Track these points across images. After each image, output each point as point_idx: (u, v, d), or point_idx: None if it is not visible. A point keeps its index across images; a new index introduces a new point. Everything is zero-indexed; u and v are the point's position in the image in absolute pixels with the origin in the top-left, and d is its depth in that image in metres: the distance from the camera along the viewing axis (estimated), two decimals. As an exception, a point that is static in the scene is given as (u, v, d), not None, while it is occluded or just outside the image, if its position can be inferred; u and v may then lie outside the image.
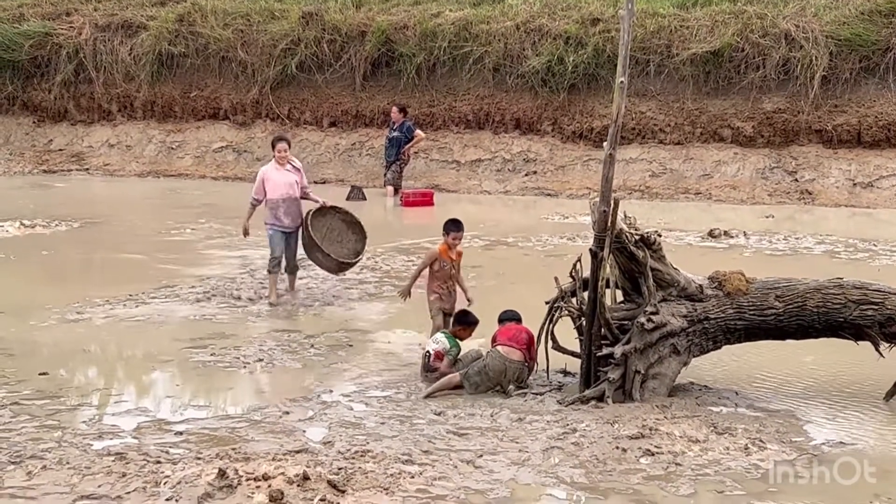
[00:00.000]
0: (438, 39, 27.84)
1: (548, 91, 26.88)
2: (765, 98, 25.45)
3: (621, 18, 10.23)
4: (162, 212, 24.19)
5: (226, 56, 30.15)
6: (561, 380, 11.00)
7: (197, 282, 15.84)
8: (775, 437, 9.38)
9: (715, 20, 26.03)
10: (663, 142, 26.15)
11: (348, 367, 11.96)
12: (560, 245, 19.08)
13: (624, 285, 10.61)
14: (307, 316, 14.06)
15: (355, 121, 28.93)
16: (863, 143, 24.74)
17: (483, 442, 9.12)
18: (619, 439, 9.06)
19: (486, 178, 27.03)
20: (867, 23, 25.03)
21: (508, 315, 11.50)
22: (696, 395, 10.54)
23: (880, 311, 10.44)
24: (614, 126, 10.09)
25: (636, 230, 10.31)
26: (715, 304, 10.61)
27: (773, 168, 25.14)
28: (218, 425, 9.66)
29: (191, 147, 30.20)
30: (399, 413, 10.05)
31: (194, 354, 12.16)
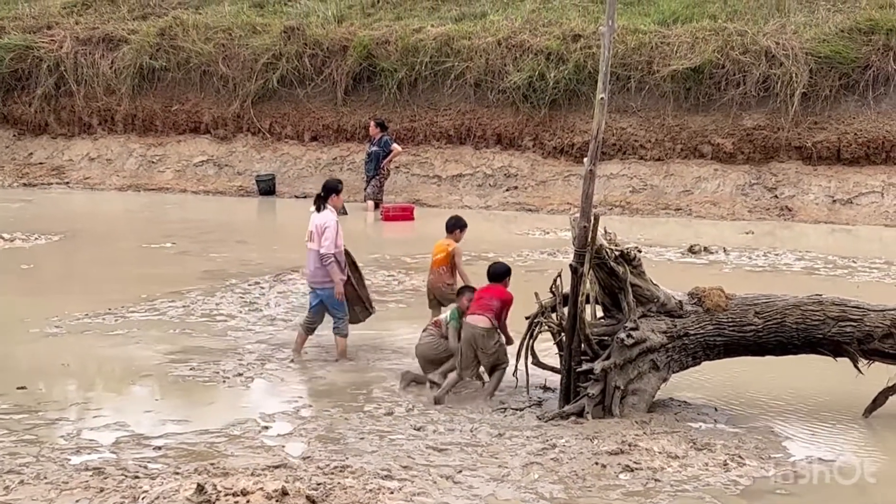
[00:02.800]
0: (420, 54, 27.85)
1: (529, 106, 26.90)
2: (745, 115, 25.52)
3: (602, 35, 10.28)
4: (142, 226, 24.14)
5: (207, 70, 30.09)
6: (541, 395, 11.01)
7: (177, 296, 15.79)
8: (754, 454, 9.40)
9: (696, 37, 26.10)
10: (644, 158, 26.20)
11: (328, 383, 11.95)
12: (541, 260, 19.09)
13: (604, 301, 10.63)
14: (287, 331, 14.01)
15: (336, 135, 28.90)
16: (842, 160, 24.83)
17: (463, 457, 9.12)
18: (599, 455, 9.07)
19: (467, 193, 27.04)
20: (847, 40, 25.13)
21: (496, 269, 11.71)
22: (675, 411, 10.57)
23: (859, 327, 10.49)
24: (594, 142, 10.13)
25: (616, 246, 10.33)
26: (694, 320, 10.63)
27: (753, 184, 25.21)
28: (197, 440, 9.64)
29: (171, 161, 30.12)
30: (379, 428, 10.04)
31: (173, 369, 12.14)
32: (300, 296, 15.97)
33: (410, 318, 14.53)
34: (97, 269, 18.65)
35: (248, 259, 19.05)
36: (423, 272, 17.71)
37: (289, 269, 17.62)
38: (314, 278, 12.79)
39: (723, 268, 18.68)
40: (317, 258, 12.66)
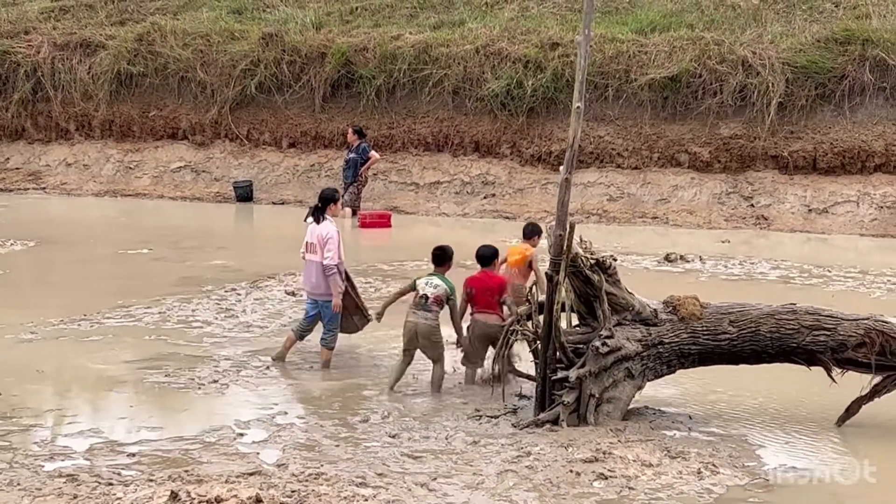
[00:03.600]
0: (398, 62, 27.86)
1: (507, 114, 26.94)
2: (722, 124, 25.60)
3: (578, 44, 10.30)
4: (119, 232, 24.07)
5: (185, 76, 30.02)
6: (516, 403, 11.02)
7: (152, 303, 15.76)
8: (728, 462, 9.44)
9: (673, 46, 26.18)
10: (621, 166, 26.26)
11: (304, 390, 11.96)
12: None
13: (579, 309, 10.65)
14: (263, 337, 14.00)
15: (314, 142, 28.87)
16: (818, 170, 24.94)
17: (437, 465, 9.13)
18: (573, 463, 9.09)
19: (445, 200, 27.05)
20: (823, 50, 25.24)
21: (484, 252, 12.19)
22: (649, 419, 10.60)
23: (833, 336, 10.53)
24: (570, 150, 10.15)
25: (592, 254, 10.36)
26: (669, 328, 10.67)
27: (730, 193, 25.29)
28: (171, 447, 9.63)
29: (149, 167, 30.05)
30: (354, 435, 10.05)
31: (148, 375, 12.11)
32: (276, 302, 15.97)
33: (387, 326, 14.51)
34: (73, 275, 18.60)
35: (225, 265, 19.03)
36: (400, 279, 17.70)
37: (266, 276, 17.60)
38: (317, 290, 12.71)
39: (699, 276, 18.73)
40: (318, 269, 12.60)
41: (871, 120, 24.80)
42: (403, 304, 12.14)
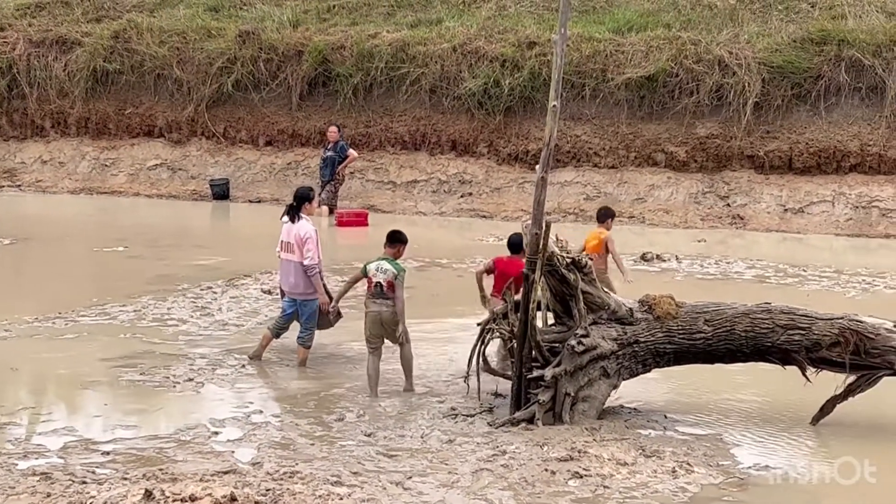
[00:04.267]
0: (375, 60, 27.82)
1: (484, 113, 26.94)
2: (698, 123, 25.66)
3: (554, 43, 10.31)
4: (94, 229, 23.98)
5: (161, 74, 29.92)
6: (492, 402, 11.02)
7: (128, 300, 15.70)
8: (703, 461, 9.46)
9: (650, 45, 26.23)
10: (598, 165, 26.30)
11: (280, 388, 11.94)
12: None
13: (555, 308, 10.67)
14: (238, 335, 13.98)
15: (291, 140, 28.81)
16: (794, 170, 25.02)
17: (413, 463, 9.13)
18: (549, 461, 9.10)
19: (422, 199, 27.04)
20: (799, 50, 25.32)
21: (515, 239, 12.35)
22: (625, 418, 10.62)
23: (807, 336, 10.57)
24: (546, 149, 10.16)
25: (568, 253, 10.37)
26: (645, 327, 10.70)
27: (706, 193, 25.35)
28: (145, 445, 9.60)
29: (125, 164, 29.93)
30: (329, 434, 10.04)
31: (123, 373, 12.07)
32: (252, 301, 15.94)
33: (362, 323, 14.50)
34: (48, 273, 18.51)
35: (201, 263, 18.97)
36: (376, 278, 17.71)
37: (242, 274, 17.56)
38: (295, 289, 12.70)
39: (675, 275, 18.78)
40: (296, 269, 12.59)
41: (847, 120, 24.90)
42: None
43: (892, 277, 18.99)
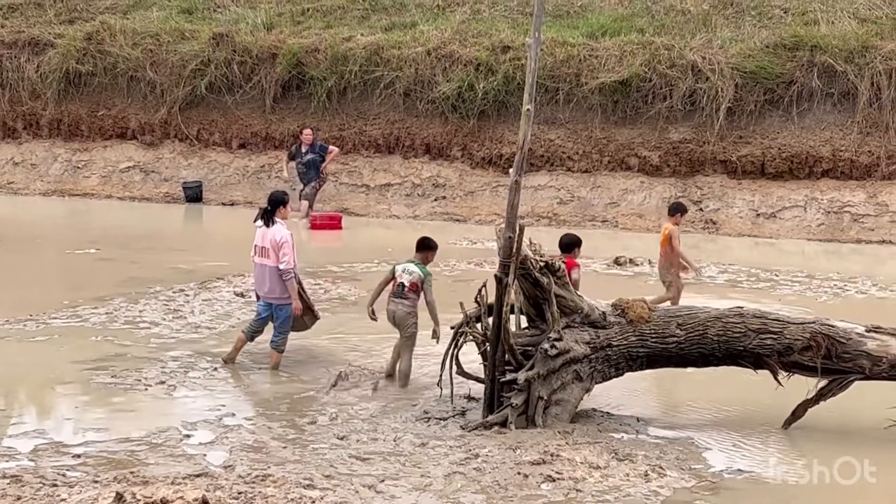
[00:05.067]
0: (349, 63, 27.81)
1: (458, 117, 26.96)
2: (671, 128, 25.74)
3: (528, 47, 10.32)
4: (66, 231, 23.87)
5: (134, 76, 29.82)
6: (465, 405, 11.02)
7: (99, 303, 15.63)
8: (675, 464, 9.48)
9: (623, 50, 26.28)
10: (571, 169, 26.35)
11: (252, 391, 11.91)
12: (468, 270, 19.13)
13: (528, 311, 10.67)
14: (211, 338, 13.93)
15: (265, 143, 28.77)
16: (766, 175, 25.13)
17: (385, 467, 9.12)
18: (521, 465, 9.10)
19: (396, 202, 27.03)
20: (772, 56, 25.43)
21: (565, 241, 13.24)
22: (597, 422, 10.63)
23: (779, 340, 10.62)
24: (520, 153, 10.17)
25: (541, 257, 10.38)
26: (618, 331, 10.72)
27: (679, 197, 25.38)
28: (117, 448, 9.56)
29: (97, 167, 29.81)
30: (301, 437, 10.02)
31: (95, 376, 12.01)
32: (225, 303, 15.89)
33: (336, 326, 14.51)
34: (19, 275, 18.39)
35: (173, 266, 18.89)
36: (350, 281, 17.76)
37: (214, 277, 17.51)
38: (271, 294, 12.65)
39: (647, 280, 18.80)
40: (272, 273, 12.55)
41: (819, 125, 25.02)
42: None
43: (863, 282, 19.10)
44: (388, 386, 11.99)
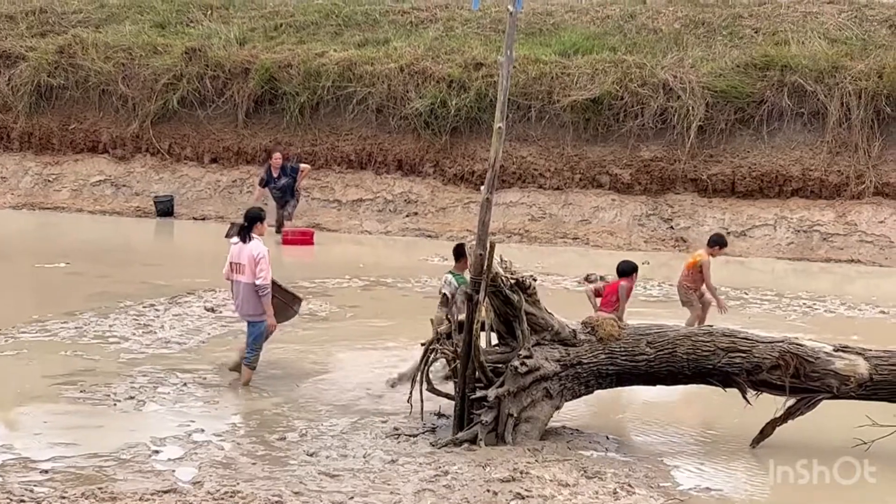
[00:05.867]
0: (322, 79, 27.83)
1: (430, 133, 27.00)
2: (643, 146, 25.84)
3: (500, 65, 10.35)
4: (36, 245, 23.78)
5: (106, 89, 29.77)
6: (435, 422, 11.01)
7: (69, 317, 15.56)
8: (644, 482, 9.50)
9: (595, 68, 26.39)
10: (543, 186, 26.41)
11: (222, 407, 11.86)
12: (439, 287, 19.09)
13: (499, 328, 10.69)
14: (181, 353, 13.89)
15: (237, 157, 28.73)
16: (736, 193, 25.25)
17: (355, 484, 9.10)
18: (491, 482, 9.10)
19: (368, 218, 27.03)
20: (742, 75, 25.58)
21: (623, 267, 14.46)
22: (567, 439, 10.64)
23: (748, 358, 10.66)
24: (492, 170, 10.20)
25: (512, 274, 10.40)
26: (588, 349, 10.74)
27: (650, 215, 25.52)
28: (85, 464, 9.51)
29: (68, 180, 29.72)
30: (271, 454, 10.00)
31: (64, 391, 11.96)
32: (195, 318, 15.85)
33: (306, 342, 14.50)
34: (-12, 289, 18.33)
35: (144, 281, 18.83)
36: (321, 297, 17.73)
37: (185, 292, 17.47)
38: (245, 311, 12.66)
39: (618, 297, 18.83)
40: (247, 290, 12.49)
41: (789, 145, 25.17)
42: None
43: (832, 301, 19.20)
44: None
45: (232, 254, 12.67)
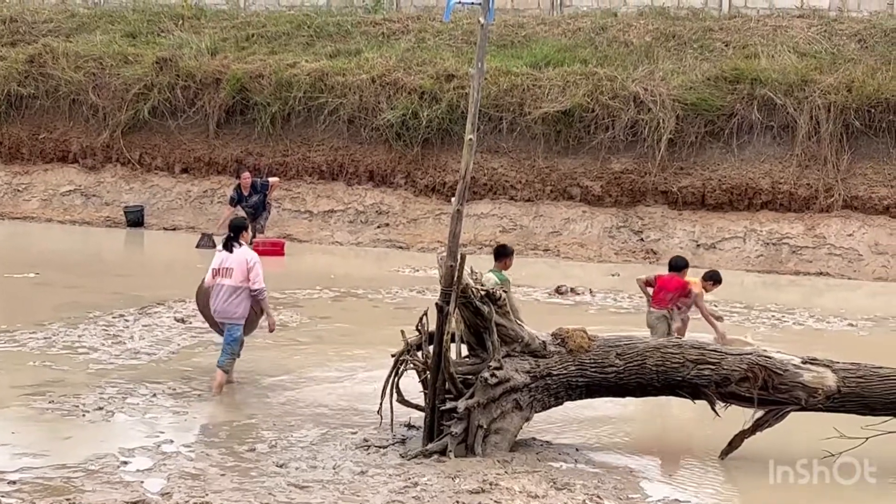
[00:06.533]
0: (294, 89, 27.81)
1: (402, 144, 27.01)
2: (613, 158, 25.90)
3: (472, 77, 10.38)
4: (5, 254, 23.66)
5: (77, 99, 29.68)
6: (405, 433, 11.01)
7: (38, 327, 15.50)
8: (612, 494, 9.52)
9: (566, 81, 26.45)
10: (514, 198, 26.44)
11: (191, 418, 11.82)
12: (410, 298, 19.15)
13: (469, 340, 10.69)
14: (150, 364, 13.85)
15: (208, 168, 28.67)
16: (706, 206, 25.34)
17: (324, 495, 9.09)
18: (460, 494, 9.11)
19: (339, 229, 27.01)
20: (713, 88, 25.69)
21: (676, 262, 15.05)
22: (536, 451, 10.65)
23: (717, 371, 10.70)
24: (462, 182, 10.22)
25: (482, 285, 10.42)
26: (558, 360, 10.77)
27: (620, 227, 25.59)
28: (53, 475, 9.47)
29: (38, 190, 29.60)
30: (240, 465, 9.97)
31: (32, 401, 11.91)
32: (165, 329, 15.80)
33: (276, 353, 14.48)
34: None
35: (114, 291, 18.76)
36: (292, 307, 17.71)
37: (155, 302, 17.41)
38: (225, 314, 12.77)
39: (588, 309, 18.91)
40: (230, 293, 12.66)
41: (759, 158, 25.29)
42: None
43: (800, 313, 19.29)
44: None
45: (217, 260, 12.85)
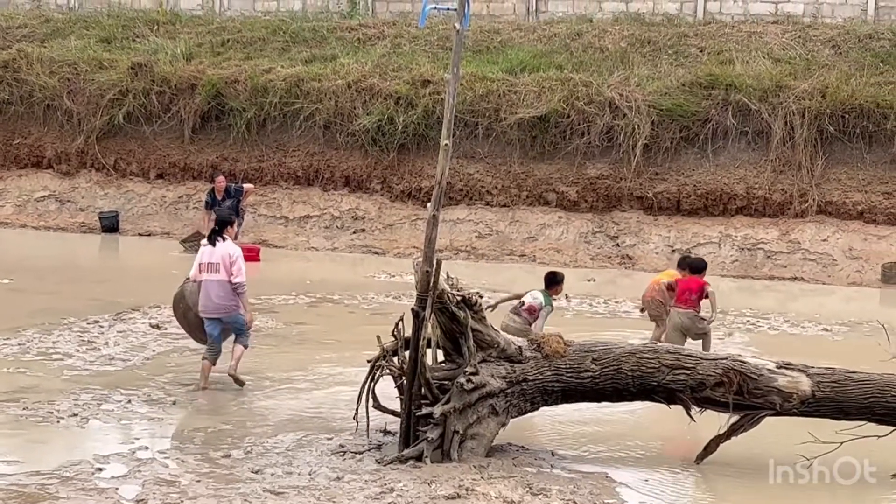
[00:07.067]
0: (269, 95, 27.78)
1: (378, 150, 27.01)
2: (589, 164, 25.96)
3: (447, 82, 10.39)
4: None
5: (51, 104, 29.58)
6: (381, 439, 10.99)
7: (11, 333, 15.42)
8: (589, 499, 9.52)
9: (542, 86, 26.49)
10: (490, 204, 26.48)
11: (167, 424, 11.79)
12: (386, 303, 19.13)
13: (445, 345, 10.68)
14: (125, 370, 13.80)
15: (183, 173, 28.61)
16: (682, 211, 25.42)
17: (300, 501, 9.08)
18: (436, 499, 9.11)
19: (315, 234, 26.99)
20: (688, 94, 25.77)
21: (697, 264, 15.64)
22: (512, 456, 10.65)
23: (692, 376, 10.72)
24: (438, 188, 10.21)
25: (458, 291, 10.42)
26: (533, 365, 10.77)
27: (596, 232, 25.64)
28: (27, 482, 9.43)
29: (12, 195, 29.49)
30: (216, 471, 9.94)
31: (6, 408, 11.85)
32: (140, 335, 15.76)
33: (252, 359, 14.43)
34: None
35: (88, 297, 18.70)
36: (267, 313, 17.67)
37: (129, 308, 17.35)
38: (219, 310, 12.96)
39: (564, 314, 18.90)
40: (220, 288, 12.86)
41: (734, 163, 25.38)
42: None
43: (775, 319, 19.37)
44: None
45: (203, 255, 13.05)
